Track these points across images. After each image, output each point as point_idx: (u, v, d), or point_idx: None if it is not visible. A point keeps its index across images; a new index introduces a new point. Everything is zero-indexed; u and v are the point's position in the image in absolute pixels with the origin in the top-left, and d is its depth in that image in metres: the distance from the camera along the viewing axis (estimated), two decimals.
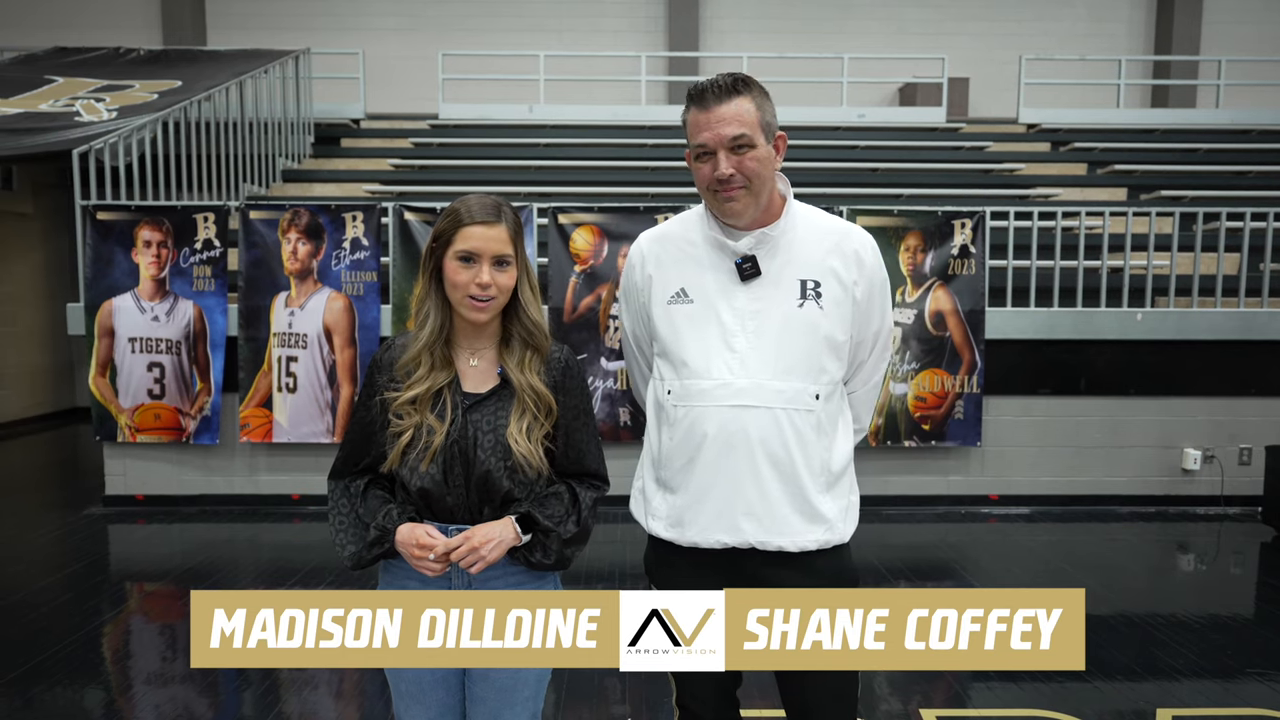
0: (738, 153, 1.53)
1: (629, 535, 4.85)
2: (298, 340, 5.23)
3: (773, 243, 1.60)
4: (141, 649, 3.55)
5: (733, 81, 1.54)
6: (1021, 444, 5.54)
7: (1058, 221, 5.56)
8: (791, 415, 1.56)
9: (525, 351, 1.56)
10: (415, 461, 1.51)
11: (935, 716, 2.83)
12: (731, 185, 1.54)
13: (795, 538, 1.56)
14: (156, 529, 5.13)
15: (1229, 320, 5.43)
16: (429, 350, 1.53)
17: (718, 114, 1.52)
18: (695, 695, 1.67)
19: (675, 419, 1.61)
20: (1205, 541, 5.08)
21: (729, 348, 1.58)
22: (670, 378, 1.64)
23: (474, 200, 1.51)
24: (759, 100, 1.55)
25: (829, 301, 1.59)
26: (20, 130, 6.27)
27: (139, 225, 5.25)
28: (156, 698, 3.01)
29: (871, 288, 1.64)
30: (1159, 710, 2.85)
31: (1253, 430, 5.45)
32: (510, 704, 1.59)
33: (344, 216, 5.28)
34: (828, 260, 1.61)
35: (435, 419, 1.51)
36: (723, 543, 1.57)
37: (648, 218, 5.35)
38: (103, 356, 5.29)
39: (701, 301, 1.61)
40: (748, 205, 1.57)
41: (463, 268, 1.49)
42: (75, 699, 2.99)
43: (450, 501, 1.52)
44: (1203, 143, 8.91)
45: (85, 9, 11.28)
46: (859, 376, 1.70)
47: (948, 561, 4.55)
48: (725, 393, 1.57)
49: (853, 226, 1.68)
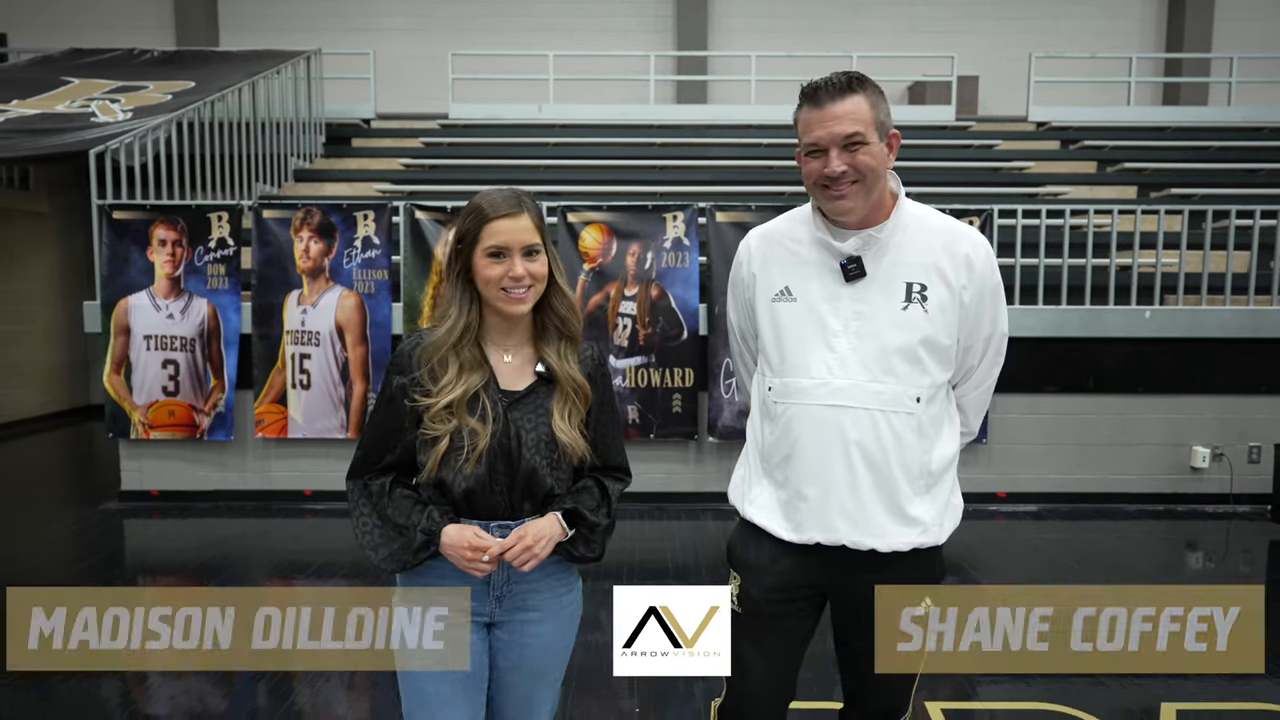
0: (850, 150, 1.52)
1: (637, 533, 4.89)
2: (310, 338, 5.29)
3: (879, 244, 1.59)
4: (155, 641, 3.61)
5: (848, 80, 1.53)
6: (1029, 442, 5.54)
7: (1066, 220, 5.57)
8: (890, 417, 1.56)
9: (561, 341, 1.56)
10: (460, 465, 1.48)
11: (941, 709, 2.85)
12: (843, 181, 1.53)
13: (887, 539, 1.57)
14: (171, 524, 5.20)
15: (1238, 318, 5.42)
16: (455, 351, 1.50)
17: (832, 111, 1.51)
18: (745, 689, 1.68)
19: (776, 415, 1.64)
20: (1214, 540, 5.08)
21: (829, 348, 1.59)
22: (771, 374, 1.66)
23: (494, 195, 1.50)
24: (873, 98, 1.54)
25: (934, 305, 1.57)
26: (38, 131, 6.35)
27: (154, 224, 5.32)
28: (171, 689, 3.06)
29: (982, 292, 1.61)
30: (1164, 704, 2.87)
31: (1262, 428, 5.43)
32: (544, 686, 1.62)
33: (356, 215, 5.33)
34: (936, 263, 1.59)
35: (477, 422, 1.48)
36: (816, 540, 1.59)
37: (655, 217, 5.38)
38: (118, 354, 5.36)
39: (805, 301, 1.61)
40: (858, 202, 1.56)
41: (494, 263, 1.47)
42: (92, 691, 3.04)
43: (494, 500, 1.51)
44: (1214, 140, 8.88)
45: (100, 10, 11.39)
46: (970, 381, 1.69)
47: (956, 558, 4.55)
48: (824, 392, 1.58)
49: (966, 228, 1.66)
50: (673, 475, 5.52)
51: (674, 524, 5.15)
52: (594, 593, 1.81)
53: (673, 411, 5.36)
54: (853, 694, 1.74)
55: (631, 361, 5.37)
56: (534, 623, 1.57)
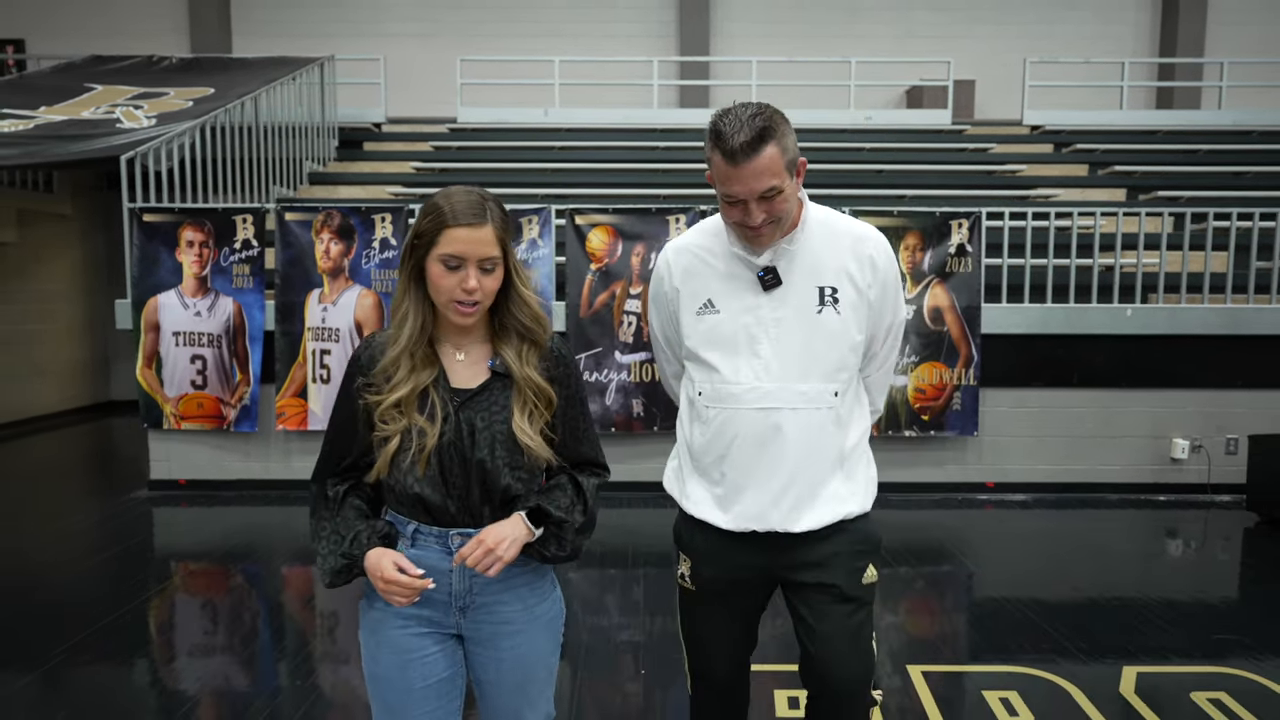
0: (767, 199, 1.58)
1: (644, 519, 5.14)
2: (331, 334, 5.56)
3: (790, 254, 1.68)
4: (185, 623, 3.77)
5: (760, 132, 1.54)
6: (1017, 434, 5.79)
7: (1051, 221, 5.82)
8: (813, 413, 1.68)
9: (522, 344, 1.51)
10: (409, 466, 1.44)
11: (922, 672, 3.10)
12: (761, 227, 1.61)
13: (815, 517, 1.69)
14: (198, 511, 5.46)
15: (1216, 315, 5.67)
16: (409, 352, 1.45)
17: (749, 169, 1.55)
18: (708, 655, 1.83)
19: (707, 418, 1.73)
20: (1192, 527, 5.31)
21: (754, 354, 1.68)
22: (701, 380, 1.75)
23: (458, 198, 1.42)
24: (783, 141, 1.57)
25: (846, 306, 1.68)
26: (66, 137, 6.63)
27: (182, 226, 5.59)
28: (199, 669, 3.19)
29: (885, 288, 1.73)
30: (1125, 667, 3.12)
31: (1239, 421, 5.67)
32: (530, 701, 1.57)
33: (374, 218, 5.60)
34: (844, 266, 1.69)
35: (425, 420, 1.43)
36: (753, 529, 1.70)
37: (659, 219, 5.64)
38: (149, 349, 5.64)
39: (727, 312, 1.71)
40: (774, 237, 1.66)
41: (447, 273, 1.41)
42: (125, 669, 3.19)
43: (451, 506, 1.46)
44: (1204, 144, 9.08)
45: (117, 16, 11.65)
46: (873, 365, 1.80)
47: (946, 547, 4.77)
48: (754, 396, 1.68)
49: (866, 229, 1.76)
50: None
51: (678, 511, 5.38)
52: (600, 579, 2.01)
53: (674, 405, 5.61)
54: (809, 671, 1.77)
55: (636, 357, 5.63)
56: (506, 635, 1.52)
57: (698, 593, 1.80)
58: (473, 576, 1.48)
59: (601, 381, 5.63)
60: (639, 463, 5.48)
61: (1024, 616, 3.64)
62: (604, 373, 5.64)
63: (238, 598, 4.12)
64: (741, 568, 1.75)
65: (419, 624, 1.49)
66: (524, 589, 1.53)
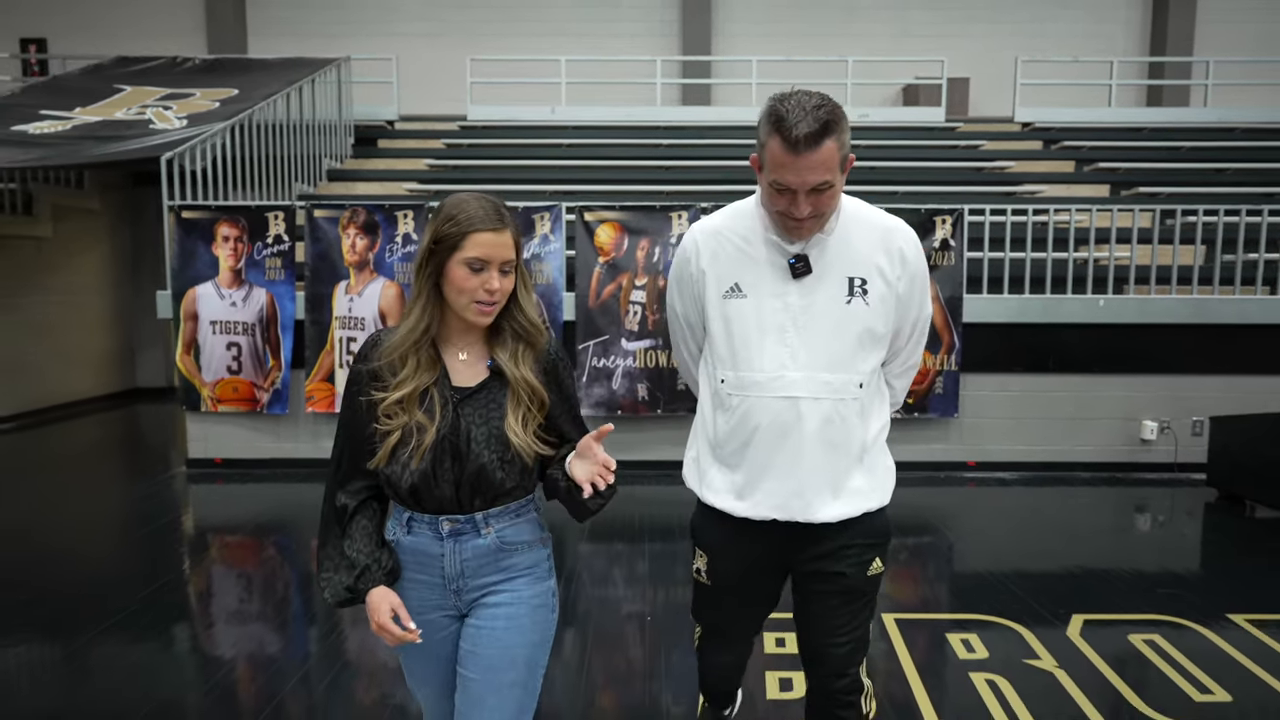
0: (817, 192, 1.56)
1: (651, 495, 5.54)
2: (357, 323, 5.97)
3: (823, 242, 1.67)
4: (222, 591, 4.05)
5: (824, 125, 1.52)
6: (997, 416, 6.19)
7: (1029, 217, 6.20)
8: (838, 404, 1.67)
9: (518, 345, 1.56)
10: (406, 459, 1.51)
11: (895, 619, 3.51)
12: (805, 219, 1.59)
13: (833, 512, 1.70)
14: (233, 488, 5.86)
15: (1183, 305, 6.05)
16: (415, 350, 1.51)
17: (807, 161, 1.52)
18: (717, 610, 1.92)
19: (730, 406, 1.71)
20: (1158, 503, 5.71)
21: (781, 342, 1.66)
22: (724, 367, 1.72)
23: (475, 205, 1.49)
24: (841, 137, 1.55)
25: (874, 298, 1.67)
26: (103, 138, 7.04)
27: (219, 222, 6.00)
28: (235, 634, 3.42)
29: (913, 282, 1.72)
30: (1075, 615, 3.53)
31: (1204, 404, 6.04)
32: (496, 687, 1.56)
33: (396, 214, 6.00)
34: (874, 258, 1.68)
35: (424, 416, 1.50)
36: (773, 518, 1.71)
37: (663, 215, 6.04)
38: (188, 337, 6.05)
39: (755, 297, 1.68)
40: (813, 231, 1.64)
41: (471, 275, 1.48)
42: (168, 634, 3.42)
43: (441, 494, 1.53)
44: (1187, 141, 9.40)
45: (137, 15, 11.99)
46: (898, 360, 1.79)
47: (931, 521, 5.11)
48: (779, 384, 1.66)
49: (896, 222, 1.74)
50: (679, 445, 6.16)
51: (681, 488, 5.78)
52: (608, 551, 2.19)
53: (677, 389, 6.02)
54: (813, 658, 1.83)
55: (641, 344, 6.03)
56: (491, 618, 1.58)
57: (714, 588, 1.83)
58: (464, 560, 1.56)
59: (609, 367, 6.04)
60: (644, 443, 5.92)
61: (994, 579, 4.03)
62: (611, 359, 6.04)
63: (270, 568, 4.48)
64: (758, 559, 1.77)
65: (425, 605, 1.59)
66: (515, 573, 1.59)
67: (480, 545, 1.55)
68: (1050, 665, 3.08)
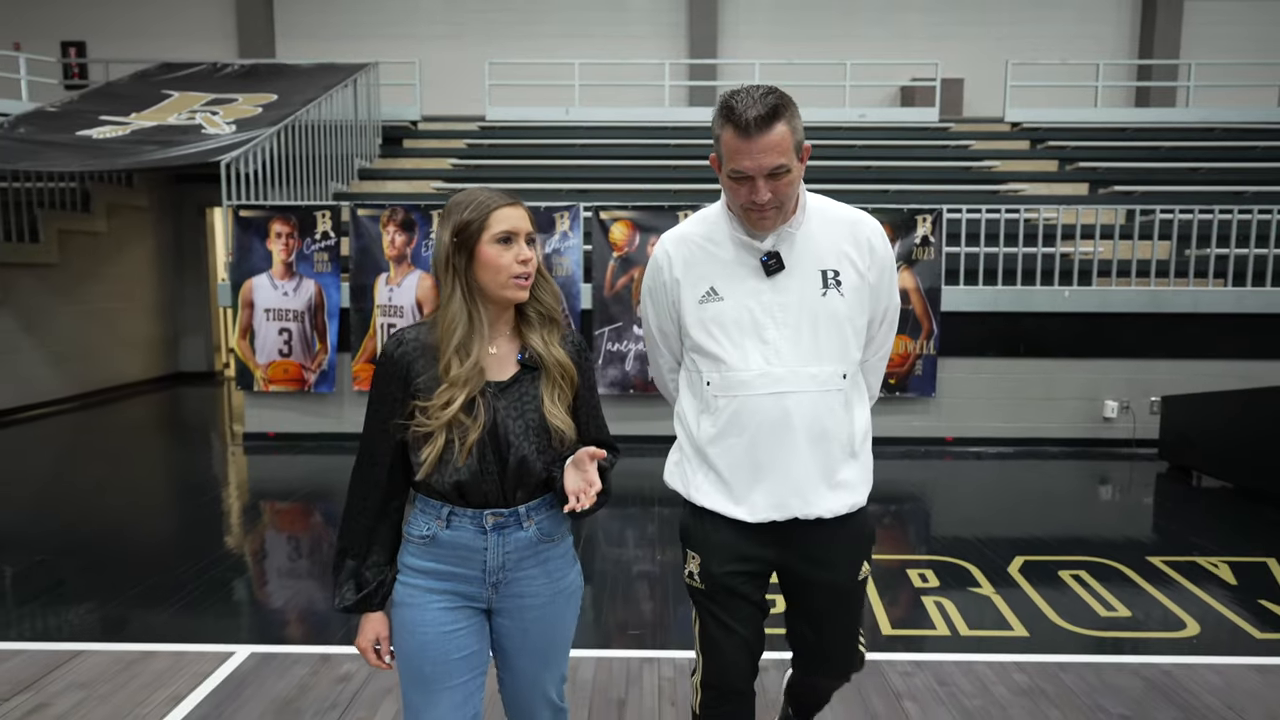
0: (775, 177, 1.58)
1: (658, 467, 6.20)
2: (396, 311, 6.66)
3: (792, 237, 1.69)
4: (275, 550, 4.52)
5: (773, 108, 1.55)
6: (972, 396, 6.83)
7: (1002, 215, 6.82)
8: (824, 397, 1.68)
9: (544, 328, 1.59)
10: (452, 459, 1.52)
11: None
12: (766, 207, 1.61)
13: (829, 505, 1.71)
14: (285, 459, 6.55)
15: (1141, 296, 6.68)
16: (458, 354, 1.51)
17: (759, 144, 1.55)
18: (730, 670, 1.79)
19: (718, 408, 1.71)
20: (1116, 474, 6.32)
21: (762, 339, 1.68)
22: (708, 370, 1.73)
23: (483, 191, 1.54)
24: (792, 121, 1.58)
25: (848, 288, 1.70)
26: (160, 142, 7.72)
27: (272, 220, 6.69)
28: (287, 590, 3.83)
29: (882, 272, 1.75)
30: (1017, 557, 4.19)
31: (1160, 385, 6.65)
32: (548, 666, 1.65)
33: (431, 213, 6.67)
34: (843, 249, 1.71)
35: (469, 416, 1.51)
36: (771, 519, 1.71)
37: (671, 214, 6.69)
38: (244, 324, 6.75)
39: (731, 298, 1.70)
40: (778, 220, 1.66)
41: (503, 249, 1.51)
42: (230, 586, 3.82)
43: (486, 490, 1.54)
44: (1168, 141, 9.93)
45: (171, 20, 12.62)
46: (870, 348, 1.81)
47: (911, 492, 5.68)
48: (765, 381, 1.67)
49: (860, 214, 1.78)
50: None
51: None
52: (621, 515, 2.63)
53: None
54: (806, 656, 1.87)
55: None
56: (533, 608, 1.61)
57: (707, 591, 1.79)
58: (506, 552, 1.57)
59: (622, 350, 6.71)
60: (654, 418, 6.58)
61: (957, 534, 4.68)
62: (624, 343, 6.71)
63: (317, 532, 5.01)
64: (750, 560, 1.75)
65: (454, 599, 1.58)
66: (551, 564, 1.63)
67: (522, 538, 1.58)
68: (989, 592, 3.74)
